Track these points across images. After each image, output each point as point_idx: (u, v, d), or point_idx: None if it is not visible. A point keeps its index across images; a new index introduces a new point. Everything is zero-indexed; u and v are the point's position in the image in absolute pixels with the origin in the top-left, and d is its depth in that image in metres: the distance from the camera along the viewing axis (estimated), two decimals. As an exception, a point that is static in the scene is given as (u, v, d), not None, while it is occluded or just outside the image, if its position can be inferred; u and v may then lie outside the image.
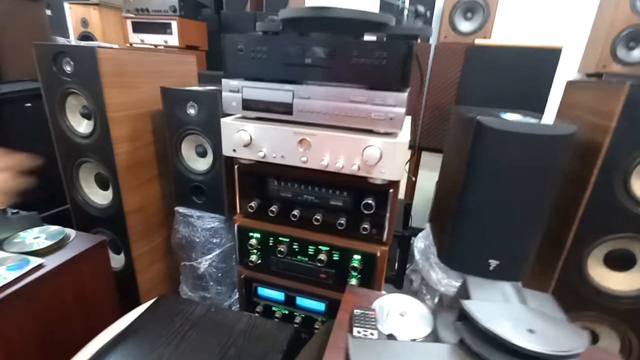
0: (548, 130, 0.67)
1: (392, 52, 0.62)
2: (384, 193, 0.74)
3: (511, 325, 0.41)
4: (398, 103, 0.65)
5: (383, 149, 0.68)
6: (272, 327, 0.83)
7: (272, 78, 0.73)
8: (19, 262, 0.72)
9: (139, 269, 1.11)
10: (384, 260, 0.81)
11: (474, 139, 0.71)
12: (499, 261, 0.78)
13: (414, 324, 0.63)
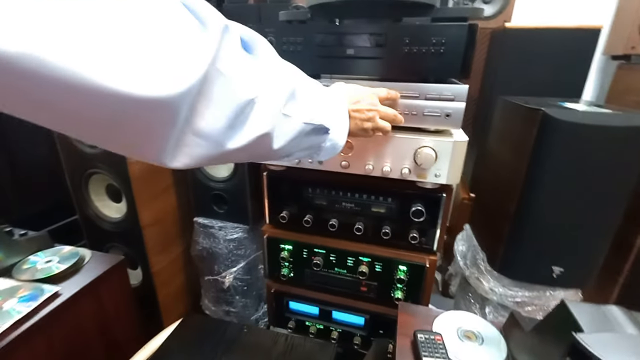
0: (625, 121, 0.59)
1: (452, 37, 0.53)
2: (436, 198, 0.66)
3: (646, 367, 0.34)
4: (457, 96, 0.57)
5: (439, 149, 0.59)
6: (313, 347, 0.76)
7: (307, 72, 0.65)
8: (32, 291, 0.65)
9: (159, 284, 1.03)
10: (433, 271, 0.74)
11: (539, 134, 0.62)
12: (563, 268, 0.70)
13: (484, 349, 0.56)
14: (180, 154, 0.27)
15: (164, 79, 0.22)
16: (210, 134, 0.27)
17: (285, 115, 0.35)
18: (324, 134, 0.43)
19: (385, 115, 0.54)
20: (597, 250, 0.68)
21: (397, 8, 0.64)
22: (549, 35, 1.16)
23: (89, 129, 0.23)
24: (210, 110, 0.26)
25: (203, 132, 0.27)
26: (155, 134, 0.25)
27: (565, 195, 0.64)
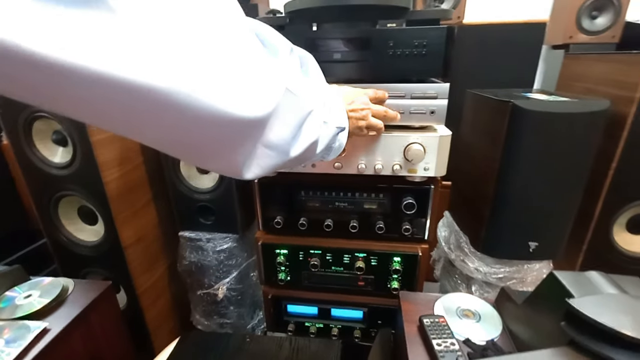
0: (583, 107, 0.66)
1: (432, 40, 0.57)
2: (425, 190, 0.70)
3: (631, 320, 0.39)
4: (440, 94, 0.61)
5: (427, 144, 0.63)
6: (319, 347, 0.77)
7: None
8: (18, 330, 0.60)
9: (146, 305, 0.99)
10: (425, 259, 0.78)
11: (510, 124, 0.68)
12: (537, 243, 0.78)
13: (482, 324, 0.61)
14: (254, 165, 0.30)
15: (259, 102, 0.26)
16: (278, 145, 0.31)
17: (325, 123, 0.39)
18: (337, 135, 0.45)
19: (377, 113, 0.56)
20: (565, 223, 0.76)
21: (373, 11, 0.67)
22: (501, 30, 1.27)
23: (193, 148, 0.27)
24: (280, 124, 0.30)
25: (272, 143, 0.30)
26: (242, 149, 0.28)
27: (536, 176, 0.71)
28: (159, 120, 0.22)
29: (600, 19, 1.68)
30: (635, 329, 0.37)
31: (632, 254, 0.83)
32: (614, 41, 1.29)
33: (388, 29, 0.60)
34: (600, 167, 0.79)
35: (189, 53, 0.21)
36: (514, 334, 0.58)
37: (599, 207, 0.80)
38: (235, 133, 0.26)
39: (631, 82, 0.71)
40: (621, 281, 0.47)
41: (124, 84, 0.19)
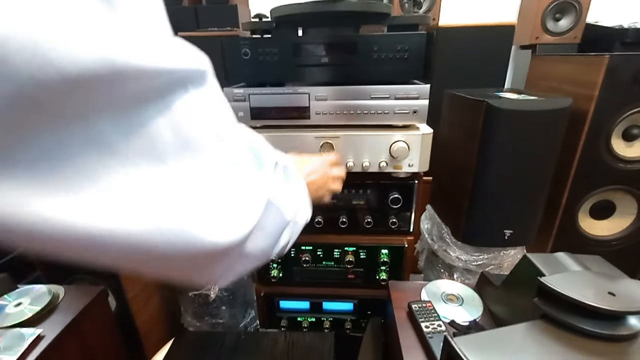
0: (548, 105, 0.73)
1: (414, 44, 0.61)
2: (409, 185, 0.75)
3: (593, 292, 0.44)
4: (421, 95, 0.65)
5: (410, 142, 0.67)
6: (313, 339, 0.80)
7: (282, 81, 0.68)
8: (12, 338, 0.59)
9: (136, 310, 0.98)
10: (412, 250, 0.83)
11: (485, 121, 0.74)
12: (512, 230, 0.84)
13: (465, 307, 0.66)
14: (230, 275, 0.29)
15: (237, 224, 0.25)
16: (256, 254, 0.30)
17: (296, 224, 0.37)
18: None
19: (337, 177, 0.56)
20: (535, 211, 0.83)
21: (357, 17, 0.71)
22: (473, 32, 1.34)
23: (173, 271, 0.25)
24: (261, 235, 0.29)
25: (251, 253, 0.29)
26: (220, 266, 0.27)
27: (509, 170, 0.77)
28: (151, 257, 0.21)
29: (563, 20, 1.80)
30: (596, 300, 0.43)
31: (595, 237, 0.92)
32: (576, 41, 1.40)
33: (373, 35, 0.63)
34: (565, 160, 0.87)
35: (183, 191, 0.21)
36: (494, 314, 0.63)
37: (565, 196, 0.88)
38: (216, 256, 0.24)
39: (590, 81, 0.78)
40: (585, 260, 0.53)
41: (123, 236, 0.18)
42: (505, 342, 0.45)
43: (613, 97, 0.77)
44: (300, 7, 0.66)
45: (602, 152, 0.82)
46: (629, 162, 0.84)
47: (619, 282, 0.47)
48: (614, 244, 0.91)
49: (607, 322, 0.44)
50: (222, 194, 0.23)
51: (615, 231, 0.92)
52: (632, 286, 0.46)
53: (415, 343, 0.57)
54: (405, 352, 0.56)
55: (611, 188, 0.86)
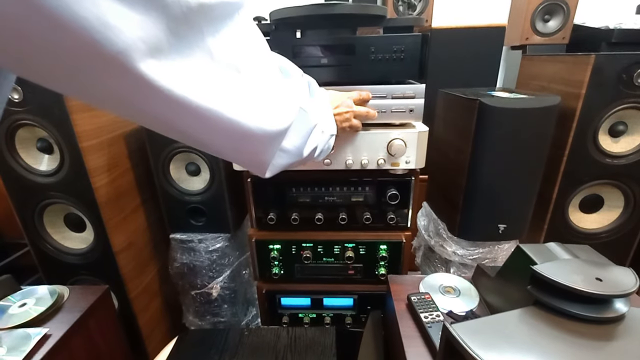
0: (538, 103, 0.76)
1: (409, 46, 0.64)
2: (407, 182, 0.77)
3: (582, 278, 0.47)
4: (417, 94, 0.67)
5: (407, 139, 0.70)
6: (314, 334, 0.82)
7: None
8: (18, 338, 0.60)
9: (139, 310, 0.99)
10: (409, 245, 0.85)
11: (478, 119, 0.77)
12: (505, 225, 0.87)
13: (462, 298, 0.68)
14: (275, 165, 0.41)
15: (282, 119, 0.35)
16: (291, 150, 0.41)
17: (323, 132, 0.48)
18: (329, 140, 0.51)
19: (359, 114, 0.65)
20: (528, 206, 0.86)
21: (354, 20, 0.73)
22: (466, 33, 1.37)
23: (237, 152, 0.36)
24: (295, 134, 0.40)
25: (288, 149, 0.40)
26: (267, 153, 0.38)
27: (501, 166, 0.80)
28: (226, 137, 0.32)
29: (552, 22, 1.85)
30: (585, 285, 0.46)
31: (585, 230, 0.95)
32: (564, 42, 1.44)
33: (370, 37, 0.66)
34: (555, 155, 0.90)
35: (247, 92, 0.30)
36: (489, 304, 0.65)
37: (555, 191, 0.91)
38: (266, 141, 0.35)
39: (577, 80, 0.82)
40: (574, 249, 0.56)
41: (218, 117, 0.29)
42: (500, 327, 0.47)
43: (599, 95, 0.81)
44: (299, 10, 0.68)
45: (590, 148, 0.86)
46: (616, 157, 0.87)
47: (605, 269, 0.49)
48: (603, 236, 0.95)
49: (595, 306, 0.47)
50: (269, 97, 0.33)
51: (604, 224, 0.95)
52: (618, 272, 0.49)
53: (415, 332, 0.60)
54: (405, 342, 0.58)
55: (599, 182, 0.90)
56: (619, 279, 0.48)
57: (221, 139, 0.32)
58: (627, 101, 0.82)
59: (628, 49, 0.93)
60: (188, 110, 0.26)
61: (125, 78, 0.22)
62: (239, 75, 0.29)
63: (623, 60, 0.80)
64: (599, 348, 0.45)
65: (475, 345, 0.43)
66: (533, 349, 0.44)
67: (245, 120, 0.31)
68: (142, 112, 0.27)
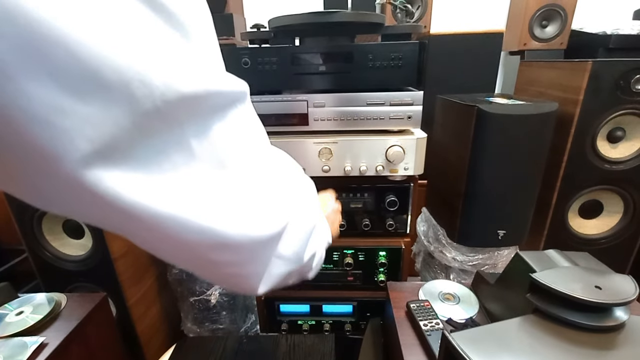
0: (536, 109, 0.76)
1: (407, 53, 0.64)
2: (405, 188, 0.77)
3: (581, 286, 0.47)
4: (416, 101, 0.68)
5: (406, 146, 0.70)
6: (314, 341, 0.81)
7: (281, 89, 0.70)
8: (14, 347, 0.59)
9: (137, 317, 0.98)
10: (408, 251, 0.85)
11: (476, 125, 0.77)
12: (505, 230, 0.87)
13: (461, 305, 0.68)
14: (269, 278, 0.31)
15: (274, 220, 0.28)
16: (289, 256, 0.32)
17: (320, 236, 0.40)
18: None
19: (339, 210, 0.60)
20: (527, 212, 0.86)
21: (352, 27, 0.73)
22: (464, 40, 1.38)
23: (212, 265, 0.28)
24: (290, 236, 0.32)
25: (283, 255, 0.31)
26: (257, 263, 0.29)
27: (500, 172, 0.80)
28: (193, 249, 0.24)
29: (550, 27, 1.86)
30: (584, 293, 0.45)
31: (585, 235, 0.95)
32: (562, 47, 1.45)
33: (368, 44, 0.66)
34: (554, 161, 0.90)
35: (231, 192, 0.24)
36: (489, 311, 0.65)
37: (555, 196, 0.91)
38: (254, 249, 0.28)
39: (575, 86, 0.82)
40: (574, 256, 0.56)
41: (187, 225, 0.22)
42: (499, 336, 0.47)
43: (597, 101, 0.81)
44: (298, 18, 0.69)
45: (589, 153, 0.86)
46: (614, 163, 0.87)
47: (605, 276, 0.49)
48: (602, 242, 0.95)
49: (595, 314, 0.47)
50: (260, 195, 0.27)
51: (604, 230, 0.95)
52: (618, 280, 0.49)
53: (415, 341, 0.59)
54: (405, 350, 0.57)
55: (598, 188, 0.90)
56: (619, 287, 0.47)
57: (185, 253, 0.25)
58: (625, 107, 0.82)
59: (625, 54, 0.93)
60: (140, 219, 0.20)
61: (54, 180, 0.18)
62: (223, 172, 0.23)
63: (620, 67, 0.80)
64: (599, 357, 0.45)
65: (474, 355, 0.43)
66: (533, 357, 0.44)
67: (220, 226, 0.24)
68: (84, 217, 0.23)
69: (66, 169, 0.17)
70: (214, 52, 0.23)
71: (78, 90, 0.16)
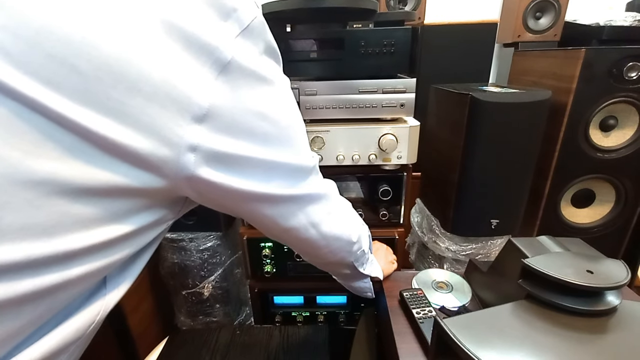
0: (529, 97, 0.76)
1: (399, 39, 0.63)
2: (398, 178, 0.77)
3: (573, 271, 0.47)
4: (408, 88, 0.67)
5: (399, 134, 0.69)
6: (307, 332, 0.81)
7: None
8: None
9: (129, 310, 0.97)
10: (402, 241, 0.85)
11: (470, 114, 0.76)
12: (498, 220, 0.87)
13: (454, 294, 0.68)
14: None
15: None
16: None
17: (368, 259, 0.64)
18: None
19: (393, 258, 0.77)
20: (520, 201, 0.86)
21: (344, 13, 0.72)
22: (458, 30, 1.37)
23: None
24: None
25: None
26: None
27: (494, 161, 0.80)
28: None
29: (543, 19, 1.85)
30: (576, 277, 0.45)
31: (577, 224, 0.95)
32: (555, 39, 1.44)
33: (360, 30, 0.65)
34: (547, 150, 0.90)
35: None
36: (482, 299, 0.65)
37: (547, 185, 0.91)
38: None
39: (568, 75, 0.82)
40: (565, 242, 0.55)
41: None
42: (492, 322, 0.47)
43: (590, 90, 0.81)
44: (289, 4, 0.67)
45: (581, 142, 0.86)
46: (606, 152, 0.87)
47: (596, 261, 0.49)
48: (595, 231, 0.95)
49: (587, 298, 0.47)
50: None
51: (596, 218, 0.95)
52: (609, 264, 0.49)
53: (407, 328, 0.59)
54: (397, 337, 0.57)
55: (591, 177, 0.90)
56: (611, 272, 0.47)
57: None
58: (618, 95, 0.82)
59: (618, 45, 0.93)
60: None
61: None
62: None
63: (613, 55, 0.80)
64: (591, 341, 0.45)
65: (467, 340, 0.42)
66: (525, 343, 0.44)
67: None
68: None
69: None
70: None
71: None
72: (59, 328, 0.25)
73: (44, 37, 0.19)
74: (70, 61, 0.19)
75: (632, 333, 0.45)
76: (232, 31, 0.25)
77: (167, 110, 0.22)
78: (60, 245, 0.22)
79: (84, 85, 0.20)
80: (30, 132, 0.19)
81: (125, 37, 0.20)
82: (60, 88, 0.19)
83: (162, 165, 0.24)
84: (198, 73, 0.23)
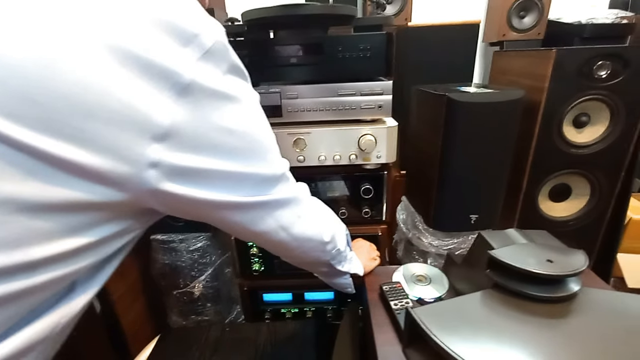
0: (503, 97, 0.79)
1: (375, 44, 0.66)
2: (379, 176, 0.79)
3: (535, 261, 0.50)
4: (385, 90, 0.70)
5: (377, 135, 0.72)
6: (295, 327, 0.84)
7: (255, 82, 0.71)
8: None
9: (121, 312, 0.99)
10: (385, 238, 0.88)
11: (447, 114, 0.79)
12: (477, 215, 0.90)
13: (432, 286, 0.71)
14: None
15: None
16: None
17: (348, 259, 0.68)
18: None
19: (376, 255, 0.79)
20: (497, 196, 0.89)
21: (324, 20, 0.75)
22: (442, 31, 1.40)
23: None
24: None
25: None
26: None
27: (471, 158, 0.83)
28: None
29: (527, 18, 1.89)
30: (536, 266, 0.48)
31: (555, 218, 0.99)
32: (539, 37, 1.47)
33: (337, 36, 0.68)
34: (523, 147, 0.94)
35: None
36: (457, 290, 0.68)
37: (525, 181, 0.94)
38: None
39: (541, 74, 0.85)
40: (532, 234, 0.59)
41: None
42: (460, 310, 0.50)
43: (561, 88, 0.84)
44: (270, 11, 0.70)
45: (556, 139, 0.89)
46: (580, 147, 0.91)
47: (557, 251, 0.52)
48: (571, 224, 0.99)
49: (549, 286, 0.50)
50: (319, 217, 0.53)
51: (573, 212, 0.99)
52: (570, 254, 0.52)
53: (386, 320, 0.62)
54: (375, 329, 0.60)
55: (566, 172, 0.94)
56: (570, 260, 0.50)
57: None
58: (588, 93, 0.85)
59: (600, 43, 0.96)
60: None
61: None
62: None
63: (583, 54, 0.83)
64: (553, 325, 0.48)
65: (434, 328, 0.45)
66: (489, 328, 0.47)
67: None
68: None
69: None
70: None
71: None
72: (26, 329, 0.27)
73: (4, 74, 0.20)
74: (31, 96, 0.21)
75: (591, 317, 0.48)
76: (193, 56, 0.26)
77: (126, 131, 0.24)
78: (22, 256, 0.24)
79: (43, 115, 0.21)
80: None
81: (80, 67, 0.22)
82: (21, 119, 0.21)
83: (124, 181, 0.25)
84: (156, 97, 0.24)
